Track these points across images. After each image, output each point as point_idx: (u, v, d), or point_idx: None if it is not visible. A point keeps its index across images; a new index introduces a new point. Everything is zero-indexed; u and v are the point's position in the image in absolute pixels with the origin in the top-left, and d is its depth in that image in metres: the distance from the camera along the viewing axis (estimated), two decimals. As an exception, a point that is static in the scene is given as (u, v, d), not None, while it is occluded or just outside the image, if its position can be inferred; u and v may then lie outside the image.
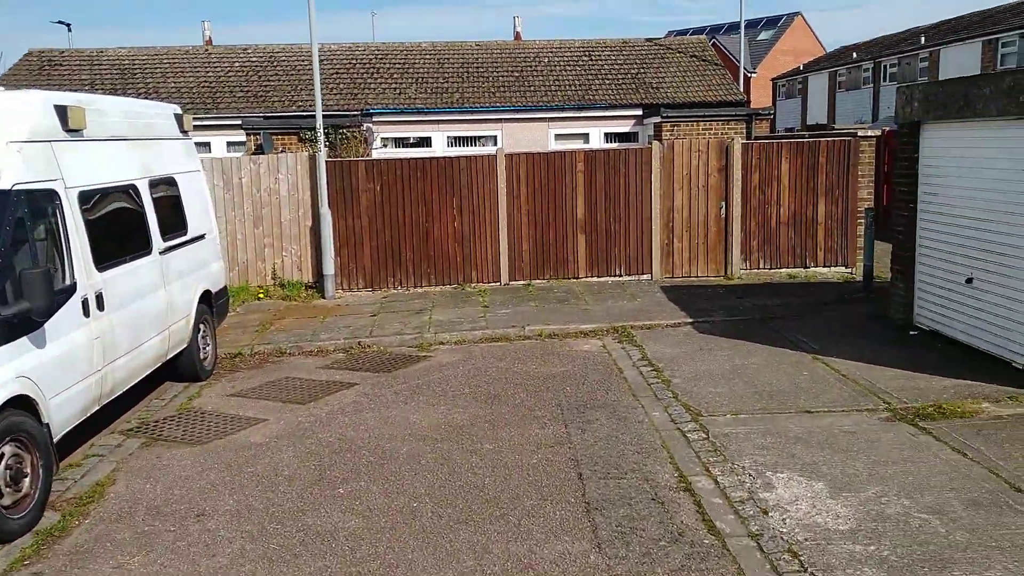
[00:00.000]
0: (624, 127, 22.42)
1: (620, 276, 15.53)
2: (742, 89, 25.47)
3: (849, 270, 15.64)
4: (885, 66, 48.43)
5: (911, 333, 11.21)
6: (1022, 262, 9.13)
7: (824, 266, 15.64)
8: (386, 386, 10.11)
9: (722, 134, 19.93)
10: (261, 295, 14.70)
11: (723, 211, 15.37)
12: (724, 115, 20.03)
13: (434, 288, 15.27)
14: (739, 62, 29.24)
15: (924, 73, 44.33)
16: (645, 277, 15.55)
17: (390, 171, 14.70)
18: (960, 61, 41.16)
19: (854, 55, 52.58)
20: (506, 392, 9.64)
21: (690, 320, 12.44)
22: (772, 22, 71.51)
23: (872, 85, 49.22)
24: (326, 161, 14.29)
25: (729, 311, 12.93)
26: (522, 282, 15.40)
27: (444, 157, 14.99)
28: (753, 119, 19.95)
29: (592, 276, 15.50)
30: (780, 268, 15.63)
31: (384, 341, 12.06)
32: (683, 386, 9.52)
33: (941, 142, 10.61)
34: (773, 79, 61.39)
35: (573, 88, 22.84)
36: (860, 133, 15.40)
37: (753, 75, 62.39)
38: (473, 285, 15.29)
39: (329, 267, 14.45)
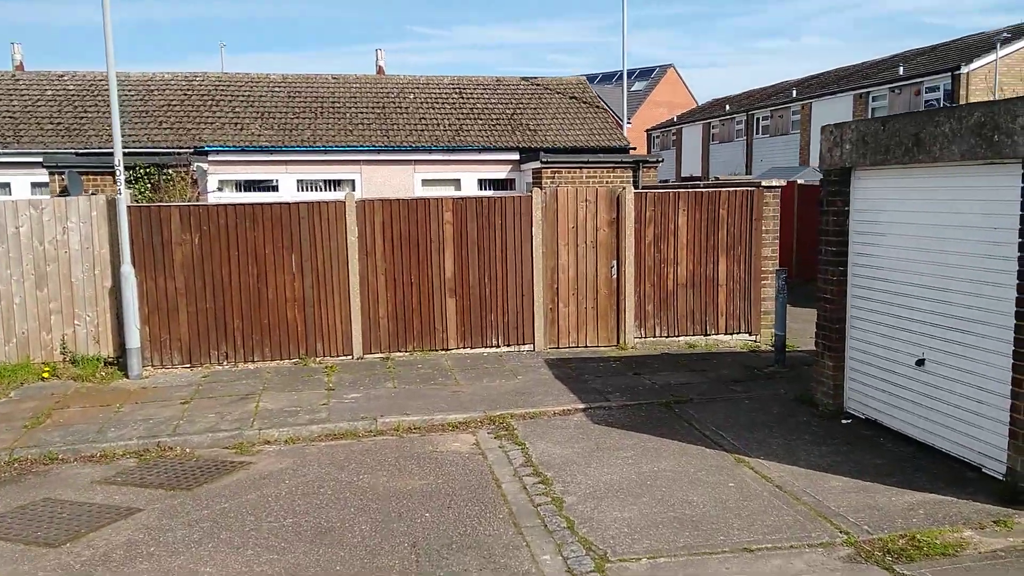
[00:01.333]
0: (500, 173, 20.33)
1: (497, 347, 13.22)
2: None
3: (753, 338, 13.81)
4: (758, 119, 48.60)
5: (844, 422, 9.28)
6: (993, 342, 7.28)
7: (726, 333, 13.76)
8: (179, 514, 7.39)
9: (607, 182, 18.06)
10: (46, 374, 11.63)
11: (614, 271, 13.32)
12: (610, 162, 18.19)
13: (269, 363, 12.55)
14: (617, 112, 27.87)
15: (796, 127, 44.49)
16: (527, 348, 13.28)
17: (212, 219, 11.98)
18: (832, 114, 41.35)
19: (727, 107, 52.77)
20: (344, 523, 7.09)
21: (582, 406, 10.19)
22: (645, 74, 71.94)
23: (745, 137, 49.29)
24: (129, 206, 11.45)
25: (627, 392, 10.77)
26: (379, 355, 12.88)
27: (279, 203, 12.40)
28: (641, 167, 18.18)
29: (464, 347, 13.13)
30: (678, 336, 13.66)
31: (192, 440, 9.29)
32: (580, 509, 7.19)
33: (881, 192, 8.80)
34: (647, 130, 61.26)
35: (442, 128, 20.66)
36: (764, 183, 13.70)
37: (628, 126, 62.07)
38: (319, 360, 12.66)
39: (134, 339, 11.54)
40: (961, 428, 7.66)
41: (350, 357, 12.77)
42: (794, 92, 46.54)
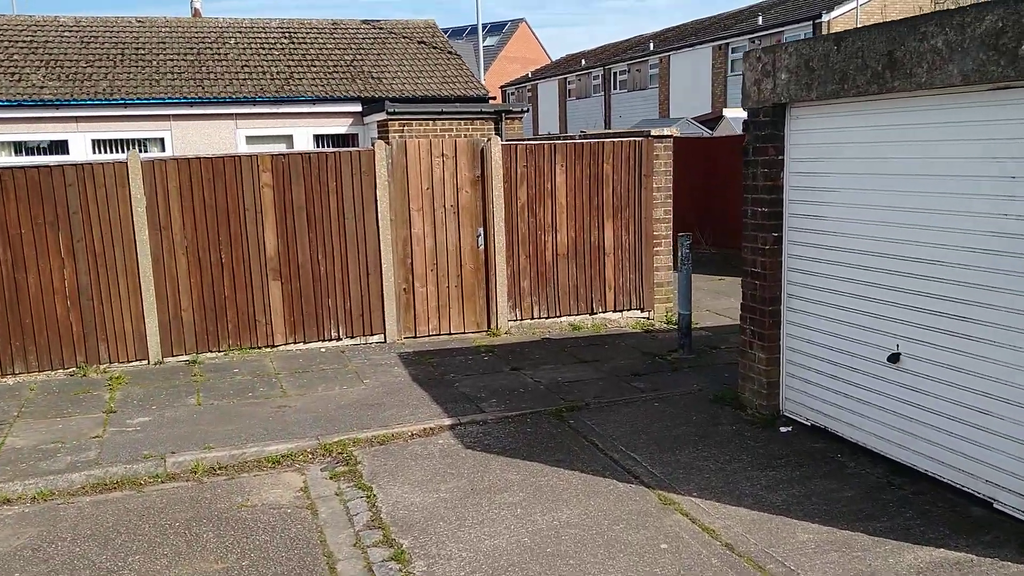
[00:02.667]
0: (340, 127, 17.51)
1: (338, 339, 10.62)
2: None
3: (646, 314, 11.74)
4: (615, 73, 47.12)
5: (783, 431, 7.25)
6: (1007, 332, 5.31)
7: (615, 311, 11.63)
8: None
9: (466, 136, 15.58)
10: None
11: (481, 241, 10.91)
12: (468, 112, 15.72)
13: (35, 376, 9.54)
14: (471, 68, 25.18)
15: (654, 80, 43.23)
16: (376, 339, 10.75)
17: (-65, 189, 8.83)
18: (691, 67, 40.21)
19: (583, 62, 51.06)
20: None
21: (449, 421, 7.78)
22: (496, 28, 69.46)
23: (603, 93, 47.77)
24: None
25: (506, 397, 8.44)
26: (184, 358, 10.06)
27: (37, 166, 9.31)
28: (504, 118, 15.79)
29: (296, 342, 10.47)
30: (560, 316, 11.43)
31: None
32: (455, 610, 4.82)
33: (834, 135, 6.71)
34: (502, 86, 58.96)
35: (269, 77, 17.61)
36: (655, 132, 11.55)
37: (481, 81, 59.65)
38: (103, 368, 9.73)
39: None
40: (958, 447, 5.71)
41: (145, 362, 9.89)
42: (651, 45, 45.21)
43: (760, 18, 38.05)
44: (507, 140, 15.47)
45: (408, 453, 7.12)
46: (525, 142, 11.27)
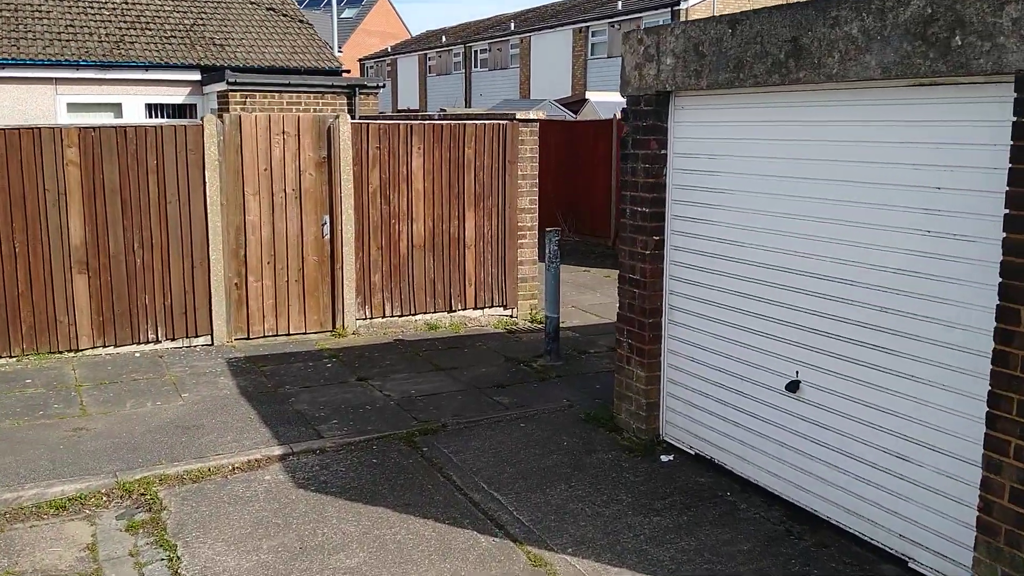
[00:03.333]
0: (176, 96, 15.78)
1: (158, 342, 9.21)
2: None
3: (509, 312, 10.84)
4: (476, 51, 46.14)
5: (664, 459, 6.47)
6: (935, 364, 4.65)
7: (475, 308, 10.66)
8: None
9: (316, 110, 14.25)
10: None
11: (327, 230, 9.70)
12: (318, 85, 14.37)
13: None
14: (330, 38, 23.46)
15: (515, 60, 42.52)
16: (202, 341, 9.39)
17: None
18: (552, 48, 39.67)
19: (443, 39, 49.79)
20: None
21: (280, 450, 6.61)
22: (355, 0, 67.09)
23: (464, 71, 46.69)
24: None
25: (350, 416, 7.34)
26: (-38, 367, 8.45)
27: None
28: (357, 93, 14.52)
29: (106, 345, 9.00)
30: (415, 314, 10.36)
31: None
32: None
33: (726, 129, 5.92)
34: (360, 59, 56.96)
35: (97, 38, 15.66)
36: (520, 116, 10.60)
37: (339, 54, 57.47)
38: None
39: None
40: (868, 494, 5.02)
41: (-89, 373, 8.24)
42: (512, 25, 44.44)
43: (619, 3, 37.84)
44: (361, 117, 14.24)
45: (227, 495, 5.92)
46: (379, 121, 10.09)
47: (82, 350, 8.92)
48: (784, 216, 5.47)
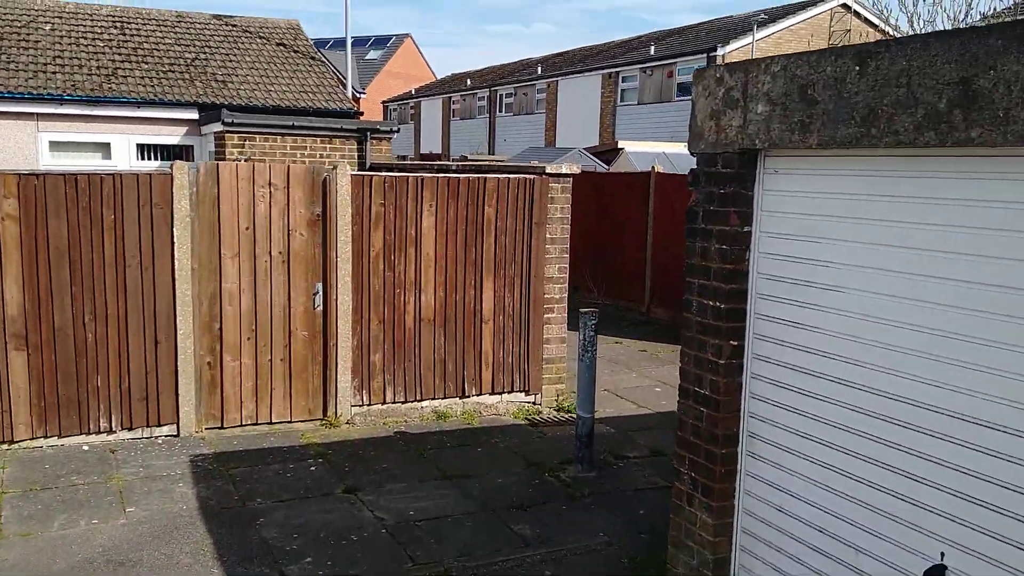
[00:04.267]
0: (171, 136, 14.44)
1: (111, 431, 7.67)
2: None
3: (531, 398, 9.24)
4: (501, 95, 45.08)
5: (739, 634, 4.81)
6: None
7: (493, 392, 9.08)
8: None
9: (323, 156, 12.84)
10: None
11: (319, 300, 8.18)
12: (325, 128, 12.97)
13: None
14: (346, 78, 22.30)
15: (541, 106, 41.37)
16: (166, 431, 7.85)
17: None
18: (580, 93, 38.47)
19: (468, 82, 48.86)
20: None
21: (230, 609, 5.03)
22: (381, 42, 66.63)
23: (488, 115, 45.63)
24: None
25: (328, 551, 5.73)
26: None
27: None
28: (369, 137, 13.12)
29: (46, 435, 7.47)
30: (421, 400, 8.78)
31: None
32: None
33: (846, 206, 4.34)
34: (384, 102, 56.19)
35: (87, 71, 14.38)
36: (550, 170, 9.09)
37: (362, 96, 56.63)
38: None
39: None
40: None
41: None
42: (539, 69, 43.42)
43: (652, 48, 36.67)
44: (373, 164, 12.84)
45: None
46: (383, 174, 8.59)
47: (18, 442, 7.38)
48: (925, 331, 3.87)
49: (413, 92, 54.40)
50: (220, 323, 7.86)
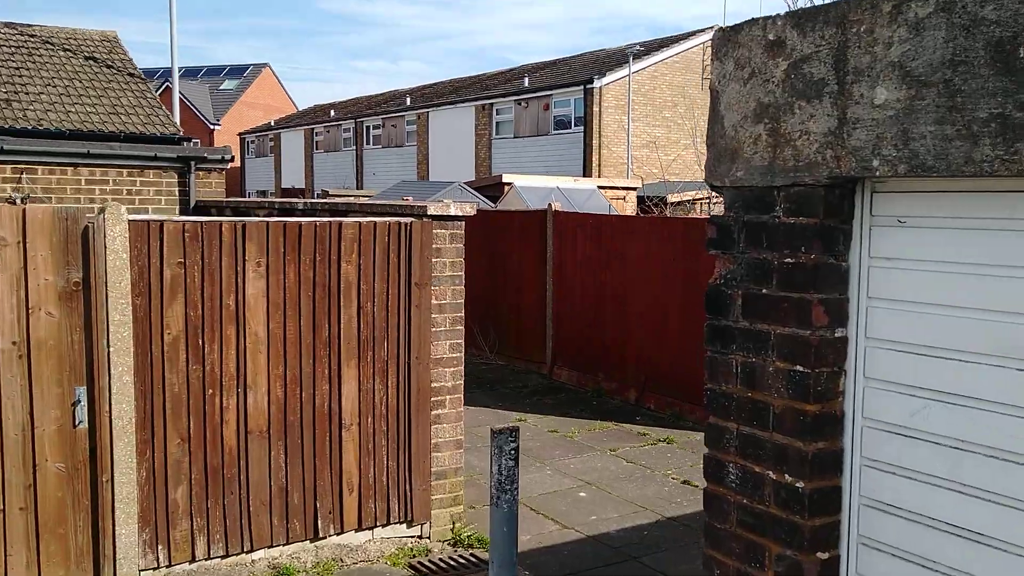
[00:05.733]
0: (-69, 170, 11.11)
1: None
2: (206, 141, 15.75)
3: (417, 531, 6.57)
4: (368, 127, 42.36)
5: None
6: None
7: (360, 528, 6.34)
8: None
9: (131, 192, 9.89)
10: None
11: (83, 414, 5.30)
12: (134, 157, 10.03)
13: None
14: (199, 109, 19.21)
15: (412, 138, 38.86)
16: None
17: None
18: (453, 126, 36.18)
19: (332, 113, 45.89)
20: None
21: None
22: (237, 71, 62.77)
23: (355, 147, 42.75)
24: None
25: None
26: None
27: None
28: (193, 168, 10.24)
29: None
30: (252, 551, 5.97)
31: None
32: None
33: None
34: (240, 133, 52.48)
35: None
36: (433, 211, 6.50)
37: (217, 127, 52.98)
38: None
39: None
40: None
41: None
42: (408, 100, 41.01)
43: (526, 79, 34.79)
44: (199, 202, 9.99)
45: None
46: (184, 219, 5.82)
47: None
48: None
49: (272, 124, 50.98)
50: (-88, 461, 4.89)
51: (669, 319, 10.14)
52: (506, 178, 17.72)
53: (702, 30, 32.09)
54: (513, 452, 4.77)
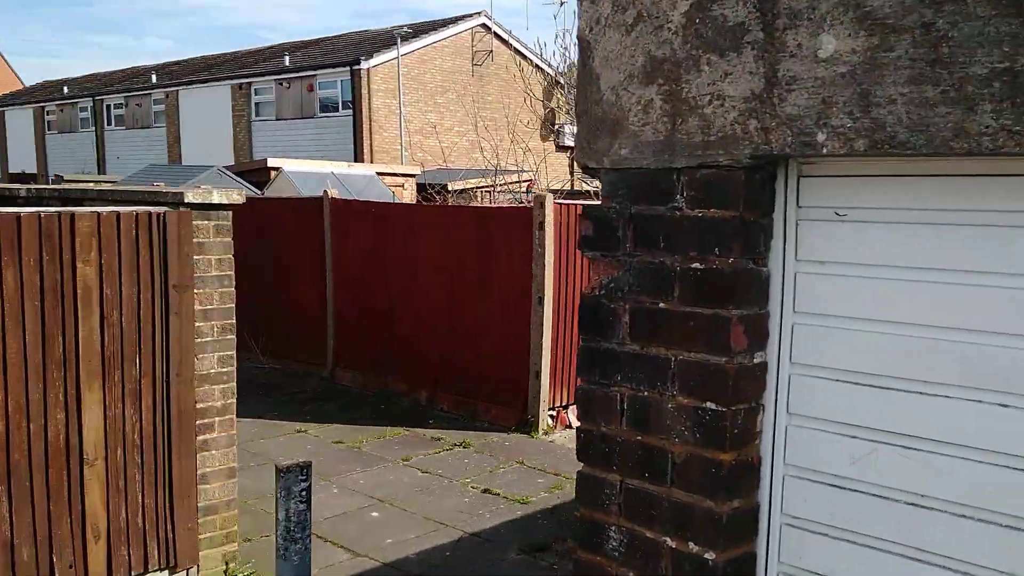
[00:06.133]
0: None
1: None
2: None
3: (181, 578, 5.54)
4: (109, 106, 38.74)
5: None
6: None
7: (109, 583, 5.25)
8: None
9: None
10: None
11: None
12: None
13: None
14: None
15: (161, 119, 35.96)
16: None
17: None
18: (207, 106, 33.76)
19: (65, 90, 41.57)
20: None
21: None
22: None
23: (94, 128, 38.98)
24: None
25: None
26: None
27: None
28: None
29: None
30: (-37, 630, 4.74)
31: None
32: None
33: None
34: (-47, 111, 46.47)
35: None
36: (193, 197, 5.45)
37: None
38: None
39: None
40: None
41: None
42: (154, 77, 37.90)
43: (287, 58, 33.10)
44: None
45: None
46: None
47: None
48: None
49: (-6, 101, 45.58)
50: None
51: (463, 313, 9.52)
52: (273, 162, 16.39)
53: (472, 15, 31.85)
54: (304, 493, 3.96)
